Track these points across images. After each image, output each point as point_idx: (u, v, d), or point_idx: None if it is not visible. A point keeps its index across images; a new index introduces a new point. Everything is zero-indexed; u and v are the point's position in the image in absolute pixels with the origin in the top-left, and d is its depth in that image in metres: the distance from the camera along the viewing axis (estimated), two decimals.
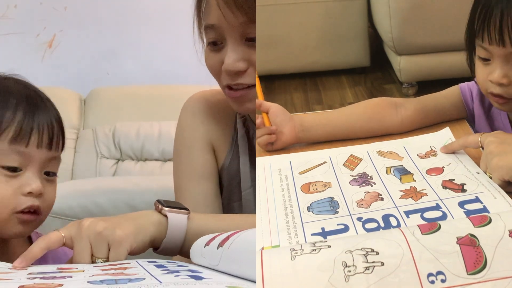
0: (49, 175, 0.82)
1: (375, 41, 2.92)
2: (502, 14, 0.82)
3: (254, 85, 0.88)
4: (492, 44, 0.85)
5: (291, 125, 1.00)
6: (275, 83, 2.91)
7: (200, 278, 0.58)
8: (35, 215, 0.80)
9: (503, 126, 0.98)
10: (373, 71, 2.94)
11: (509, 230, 0.56)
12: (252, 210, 0.97)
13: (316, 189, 0.86)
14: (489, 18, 0.84)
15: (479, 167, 0.83)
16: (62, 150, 0.86)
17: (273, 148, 1.01)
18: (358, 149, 0.97)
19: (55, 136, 0.82)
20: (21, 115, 0.79)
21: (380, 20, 2.56)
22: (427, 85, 2.43)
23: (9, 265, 0.67)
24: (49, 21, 2.46)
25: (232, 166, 1.01)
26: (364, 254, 0.55)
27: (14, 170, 0.78)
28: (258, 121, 1.00)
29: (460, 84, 1.04)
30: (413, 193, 0.80)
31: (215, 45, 0.89)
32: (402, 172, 0.87)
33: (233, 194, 1.01)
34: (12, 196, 0.78)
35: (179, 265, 0.67)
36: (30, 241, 0.90)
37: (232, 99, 0.91)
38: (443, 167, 0.87)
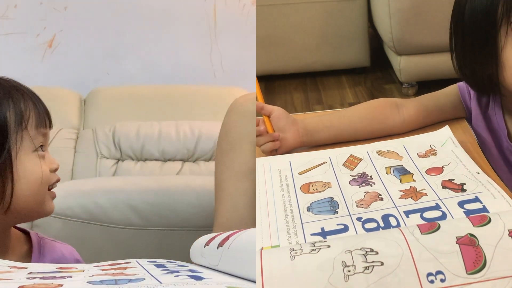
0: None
1: (375, 41, 2.92)
2: None
3: None
4: None
5: (294, 130, 1.00)
6: (275, 83, 2.91)
7: (200, 278, 0.58)
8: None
9: (498, 126, 0.98)
10: (373, 71, 2.94)
11: (508, 230, 0.56)
12: None
13: (316, 189, 0.86)
14: None
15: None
16: None
17: (278, 153, 1.00)
18: (357, 149, 0.97)
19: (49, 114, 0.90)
20: (32, 103, 0.86)
21: (380, 20, 2.56)
22: (427, 85, 2.43)
23: (8, 262, 0.67)
24: (49, 21, 2.46)
25: None
26: (363, 254, 0.55)
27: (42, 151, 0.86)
28: (260, 128, 0.99)
29: (458, 83, 1.04)
30: (413, 193, 0.80)
31: None
32: (402, 172, 0.87)
33: None
34: (48, 174, 0.86)
35: (179, 265, 0.68)
36: (29, 239, 0.90)
37: None
38: (442, 166, 0.87)
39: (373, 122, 1.02)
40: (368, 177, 0.87)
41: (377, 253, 0.55)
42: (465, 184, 0.80)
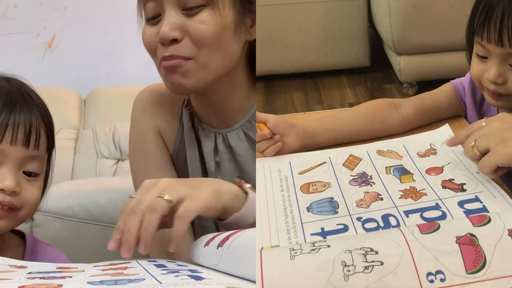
0: (31, 175, 0.82)
1: (375, 41, 2.92)
2: (503, 14, 0.83)
3: (191, 58, 0.86)
4: (490, 43, 0.85)
5: (294, 133, 0.99)
6: (275, 83, 2.91)
7: (200, 278, 0.58)
8: (8, 211, 0.79)
9: None
10: (373, 71, 2.94)
11: (508, 230, 0.56)
12: None
13: (316, 189, 0.86)
14: (490, 17, 0.84)
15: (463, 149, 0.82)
16: (49, 150, 0.85)
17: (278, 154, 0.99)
18: (357, 149, 0.97)
19: (33, 134, 0.81)
20: None
21: (380, 20, 2.56)
22: (427, 85, 2.42)
23: (8, 261, 0.67)
24: (49, 21, 2.46)
25: (179, 157, 0.99)
26: (363, 254, 0.55)
27: None
28: (265, 132, 0.96)
29: (452, 81, 1.05)
30: (413, 193, 0.80)
31: (154, 19, 0.89)
32: (402, 172, 0.87)
33: None
34: None
35: (179, 265, 0.68)
36: (24, 239, 0.89)
37: (165, 71, 0.88)
38: (442, 166, 0.87)
39: (372, 122, 1.02)
40: (368, 177, 0.87)
41: (377, 252, 0.55)
42: (465, 184, 0.80)
